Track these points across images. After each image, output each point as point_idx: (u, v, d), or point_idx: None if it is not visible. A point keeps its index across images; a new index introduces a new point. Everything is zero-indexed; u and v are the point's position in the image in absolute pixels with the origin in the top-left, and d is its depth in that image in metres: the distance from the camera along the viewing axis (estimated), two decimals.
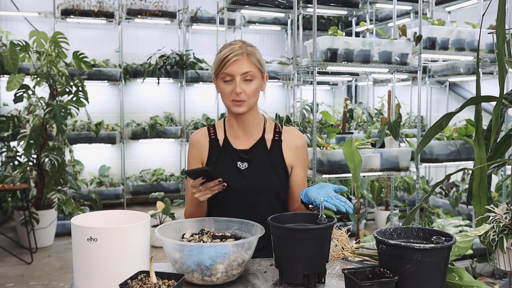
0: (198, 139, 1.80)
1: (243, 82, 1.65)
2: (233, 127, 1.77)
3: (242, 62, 1.64)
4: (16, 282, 4.24)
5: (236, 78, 1.64)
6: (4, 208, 5.46)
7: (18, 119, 5.13)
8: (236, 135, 1.77)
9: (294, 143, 1.78)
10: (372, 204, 6.01)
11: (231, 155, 1.75)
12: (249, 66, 1.65)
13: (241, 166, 1.73)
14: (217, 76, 1.69)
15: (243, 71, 1.64)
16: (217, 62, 1.67)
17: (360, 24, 4.49)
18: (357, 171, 3.11)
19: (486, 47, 4.16)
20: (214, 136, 1.79)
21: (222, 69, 1.65)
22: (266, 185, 1.72)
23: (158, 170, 7.65)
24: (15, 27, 6.95)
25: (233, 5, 4.86)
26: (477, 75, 1.84)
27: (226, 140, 1.77)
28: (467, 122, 3.98)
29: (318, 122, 6.31)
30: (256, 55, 1.68)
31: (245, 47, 1.67)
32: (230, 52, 1.64)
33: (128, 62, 7.39)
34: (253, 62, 1.66)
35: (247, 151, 1.75)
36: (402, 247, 1.18)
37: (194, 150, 1.80)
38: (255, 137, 1.77)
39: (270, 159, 1.75)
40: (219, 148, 1.77)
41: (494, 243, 1.55)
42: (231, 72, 1.64)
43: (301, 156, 1.79)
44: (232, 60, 1.63)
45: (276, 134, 1.79)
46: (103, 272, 1.26)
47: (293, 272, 1.31)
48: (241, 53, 1.64)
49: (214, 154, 1.76)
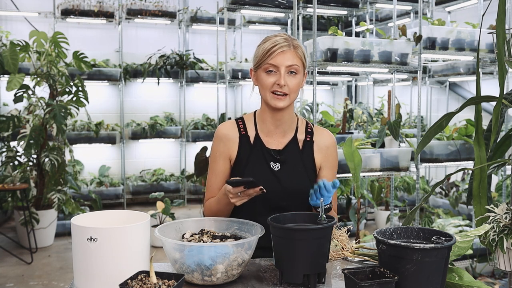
0: (228, 133, 1.70)
1: (287, 75, 1.59)
2: (266, 123, 1.69)
3: (288, 54, 1.59)
4: (16, 282, 4.24)
5: (281, 69, 1.58)
6: (4, 208, 5.46)
7: (18, 119, 5.13)
8: (269, 132, 1.70)
9: (324, 144, 1.73)
10: (372, 204, 6.01)
11: (263, 154, 1.68)
12: (294, 59, 1.60)
13: (274, 167, 1.67)
14: (259, 67, 1.62)
15: (288, 63, 1.58)
16: (261, 52, 1.61)
17: (360, 24, 4.50)
18: (357, 171, 3.11)
19: (486, 47, 4.16)
20: (244, 131, 1.70)
21: (266, 59, 1.59)
22: (298, 188, 1.66)
23: (158, 170, 7.65)
24: (15, 27, 6.95)
25: (233, 5, 4.87)
26: (477, 75, 1.84)
27: (257, 137, 1.70)
28: (467, 122, 3.98)
29: (318, 122, 6.30)
30: (302, 49, 1.63)
31: (291, 40, 1.62)
32: (276, 43, 1.59)
33: (128, 62, 7.39)
34: (299, 55, 1.61)
35: (280, 152, 1.69)
36: (402, 247, 1.18)
37: (221, 144, 1.70)
38: (288, 136, 1.71)
39: (302, 161, 1.69)
40: (250, 145, 1.69)
41: (494, 243, 1.55)
42: (277, 63, 1.58)
43: (330, 158, 1.74)
44: (278, 51, 1.58)
45: (308, 135, 1.73)
46: (103, 272, 1.26)
47: (293, 272, 1.31)
48: (288, 45, 1.59)
49: (244, 152, 1.68)
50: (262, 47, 1.62)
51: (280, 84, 1.58)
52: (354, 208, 5.25)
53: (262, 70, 1.61)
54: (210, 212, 1.69)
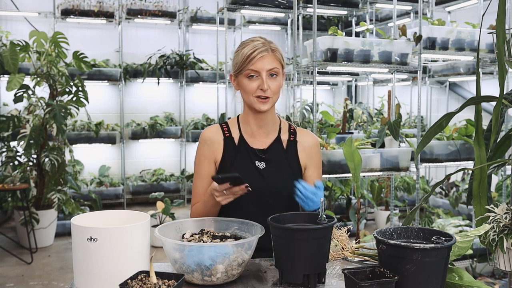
0: (211, 136, 1.74)
1: (268, 78, 1.64)
2: (250, 125, 1.74)
3: (268, 58, 1.63)
4: (16, 282, 4.24)
5: (262, 74, 1.63)
6: (4, 208, 5.46)
7: (18, 119, 5.13)
8: (253, 133, 1.74)
9: (308, 144, 1.77)
10: (372, 204, 6.01)
11: (248, 154, 1.71)
12: (274, 62, 1.64)
13: (259, 166, 1.70)
14: (240, 73, 1.66)
15: (269, 67, 1.63)
16: (241, 58, 1.64)
17: (360, 24, 4.50)
18: (357, 171, 3.11)
19: (486, 47, 4.16)
20: (228, 134, 1.74)
21: (247, 65, 1.63)
22: (285, 186, 1.68)
23: (158, 170, 7.65)
24: (15, 27, 6.95)
25: (233, 5, 4.87)
26: (477, 75, 1.84)
27: (242, 138, 1.73)
28: (467, 122, 3.98)
29: (318, 122, 6.30)
30: (279, 51, 1.68)
31: (268, 44, 1.66)
32: (255, 48, 1.62)
33: (128, 62, 7.39)
34: (278, 58, 1.66)
35: (264, 151, 1.72)
36: (402, 247, 1.18)
37: (206, 147, 1.73)
38: (272, 136, 1.75)
39: (287, 159, 1.73)
40: (234, 146, 1.72)
41: (494, 243, 1.55)
42: (258, 68, 1.62)
43: (314, 157, 1.77)
44: (258, 56, 1.62)
45: (291, 135, 1.77)
46: (103, 272, 1.26)
47: (293, 272, 1.31)
48: (266, 49, 1.64)
49: (229, 153, 1.71)
50: (241, 53, 1.65)
51: (263, 89, 1.63)
52: (354, 208, 5.25)
53: (243, 76, 1.65)
54: (197, 215, 1.70)
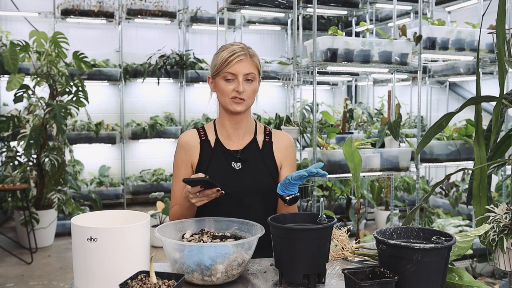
0: (188, 140, 1.78)
1: (245, 82, 1.69)
2: (226, 128, 1.78)
3: (245, 62, 1.68)
4: (16, 282, 4.24)
5: (239, 77, 1.68)
6: (4, 208, 5.46)
7: (18, 119, 5.13)
8: (228, 135, 1.78)
9: (283, 144, 1.82)
10: (372, 204, 6.01)
11: (224, 155, 1.75)
12: (251, 67, 1.69)
13: (236, 166, 1.74)
14: (218, 75, 1.71)
15: (246, 71, 1.68)
16: (219, 61, 1.69)
17: (360, 24, 4.50)
18: (357, 171, 3.11)
19: (486, 47, 4.16)
20: (205, 137, 1.78)
21: (225, 68, 1.68)
22: (261, 185, 1.73)
23: (158, 170, 7.65)
24: (15, 27, 6.95)
25: (233, 5, 4.87)
26: (477, 75, 1.84)
27: (217, 140, 1.78)
28: (467, 122, 3.98)
29: (318, 122, 6.30)
30: (257, 57, 1.74)
31: (247, 49, 1.72)
32: (234, 52, 1.68)
33: (128, 62, 7.39)
34: (255, 63, 1.71)
35: (240, 152, 1.76)
36: (402, 247, 1.18)
37: (183, 152, 1.77)
38: (247, 138, 1.79)
39: (263, 159, 1.77)
40: (211, 149, 1.76)
41: (494, 243, 1.55)
42: (235, 71, 1.67)
43: (288, 156, 1.82)
44: (236, 60, 1.67)
45: (267, 136, 1.82)
46: (103, 272, 1.26)
47: (293, 272, 1.31)
48: (245, 54, 1.69)
49: (206, 155, 1.75)
50: (220, 56, 1.70)
51: (239, 91, 1.68)
52: (354, 208, 5.25)
53: (220, 78, 1.70)
54: (174, 218, 1.72)
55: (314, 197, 3.68)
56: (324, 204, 1.43)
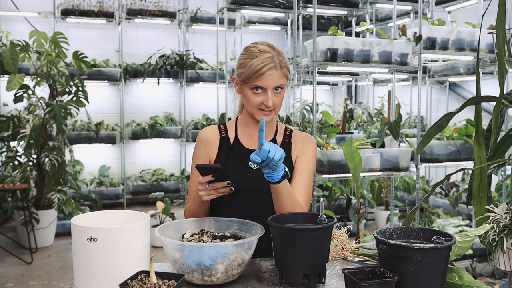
0: (208, 136, 1.76)
1: (273, 93, 1.62)
2: (248, 127, 1.75)
3: (276, 75, 1.60)
4: (16, 282, 4.24)
5: (268, 91, 1.60)
6: (4, 208, 5.46)
7: (18, 119, 5.13)
8: (250, 135, 1.75)
9: (301, 141, 1.78)
10: (372, 204, 6.01)
11: (242, 154, 1.72)
12: (281, 79, 1.61)
13: (253, 166, 1.71)
14: (246, 83, 1.63)
15: (276, 84, 1.61)
16: (248, 70, 1.61)
17: (360, 24, 4.49)
18: (357, 171, 3.11)
19: (486, 47, 4.16)
20: (225, 134, 1.76)
21: (254, 80, 1.60)
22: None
23: (158, 170, 7.65)
24: (15, 27, 6.95)
25: (233, 5, 4.87)
26: (477, 75, 1.84)
27: (236, 139, 1.75)
28: (467, 122, 3.98)
29: (318, 122, 6.31)
30: (287, 66, 1.65)
31: (277, 57, 1.62)
32: (265, 64, 1.59)
33: (128, 62, 7.39)
34: (285, 74, 1.63)
35: None
36: (402, 247, 1.18)
37: (202, 147, 1.75)
38: (267, 138, 1.75)
39: None
40: (229, 147, 1.74)
41: (494, 243, 1.55)
42: (264, 85, 1.60)
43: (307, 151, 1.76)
44: (267, 74, 1.59)
45: (286, 137, 1.78)
46: (103, 272, 1.26)
47: (293, 272, 1.31)
48: (275, 66, 1.60)
49: (224, 153, 1.73)
50: (249, 65, 1.60)
51: (267, 105, 1.61)
52: (354, 208, 5.25)
53: (248, 87, 1.62)
54: (188, 213, 1.71)
55: (314, 197, 3.68)
56: (324, 204, 1.43)
